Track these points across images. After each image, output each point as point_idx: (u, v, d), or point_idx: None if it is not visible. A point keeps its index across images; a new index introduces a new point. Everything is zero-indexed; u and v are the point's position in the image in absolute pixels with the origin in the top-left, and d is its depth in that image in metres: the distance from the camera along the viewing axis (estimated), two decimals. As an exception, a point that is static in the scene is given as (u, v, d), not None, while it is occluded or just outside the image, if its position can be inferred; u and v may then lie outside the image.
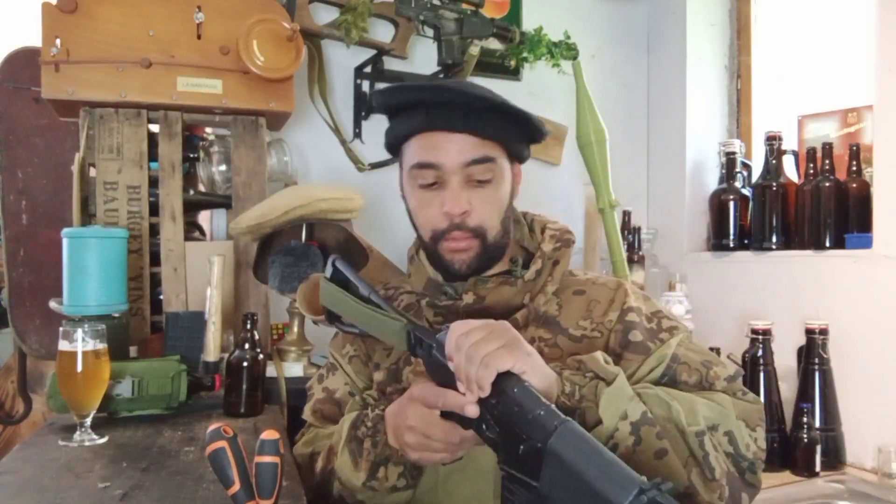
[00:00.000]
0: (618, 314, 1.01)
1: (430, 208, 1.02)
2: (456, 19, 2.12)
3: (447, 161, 0.99)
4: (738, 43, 2.46)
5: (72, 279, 1.35)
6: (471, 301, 1.01)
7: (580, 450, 0.63)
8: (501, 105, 0.98)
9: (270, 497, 0.71)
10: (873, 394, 1.76)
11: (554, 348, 0.99)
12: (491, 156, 1.00)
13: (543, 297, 1.03)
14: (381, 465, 0.89)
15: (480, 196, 1.00)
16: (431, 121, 0.99)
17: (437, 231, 1.02)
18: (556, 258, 1.06)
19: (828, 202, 1.90)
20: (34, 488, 0.87)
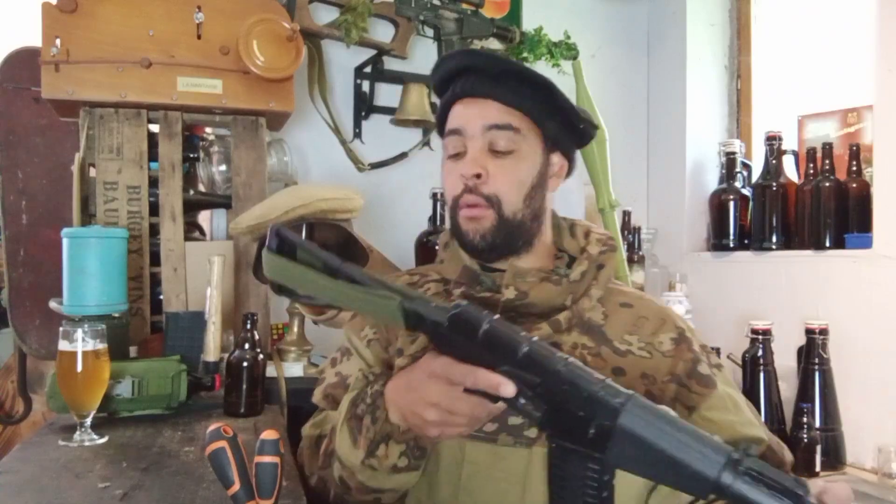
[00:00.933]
0: (673, 340, 0.98)
1: (451, 176, 1.00)
2: (456, 19, 2.12)
3: (468, 125, 0.98)
4: (738, 43, 2.46)
5: (72, 279, 1.35)
6: (512, 297, 0.95)
7: (654, 425, 0.62)
8: (522, 71, 0.97)
9: (270, 497, 0.71)
10: (873, 394, 1.76)
11: (597, 358, 0.95)
12: (514, 125, 0.97)
13: (588, 301, 0.99)
14: (380, 443, 0.85)
15: (499, 165, 0.97)
16: (459, 87, 0.99)
17: (455, 197, 0.99)
18: (602, 262, 1.02)
19: (828, 202, 1.90)
20: (34, 488, 0.87)
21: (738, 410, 0.96)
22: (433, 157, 2.26)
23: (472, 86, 0.98)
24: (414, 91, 2.14)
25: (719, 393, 0.95)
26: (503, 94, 0.97)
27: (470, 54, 1.01)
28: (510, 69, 0.98)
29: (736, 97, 2.46)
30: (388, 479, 0.87)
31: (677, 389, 0.94)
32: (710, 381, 0.95)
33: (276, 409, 1.38)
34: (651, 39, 2.59)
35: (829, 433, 1.77)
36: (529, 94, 0.98)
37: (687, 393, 0.94)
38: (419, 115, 2.13)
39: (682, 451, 0.60)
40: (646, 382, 0.94)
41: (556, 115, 1.00)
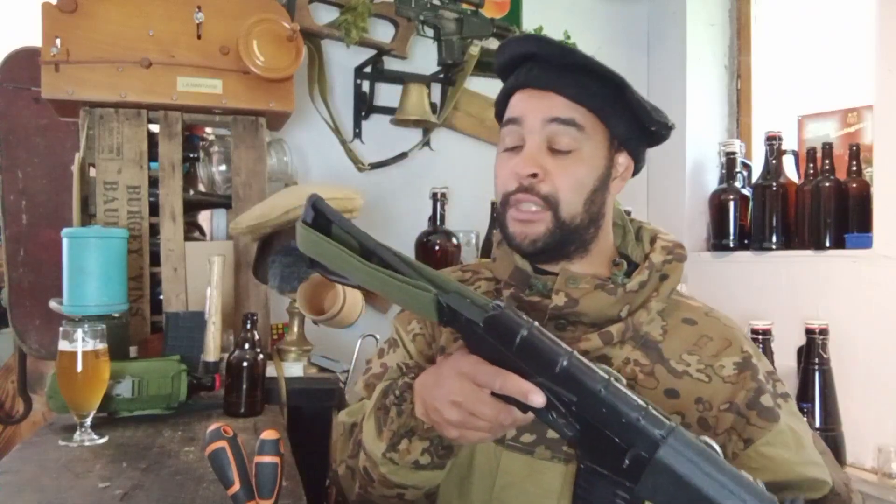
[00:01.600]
0: (736, 365, 0.89)
1: (504, 170, 0.92)
2: (456, 19, 2.12)
3: (527, 116, 0.90)
4: (738, 43, 2.46)
5: (72, 279, 1.35)
6: (561, 304, 0.88)
7: (695, 462, 0.58)
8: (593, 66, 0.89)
9: (270, 497, 0.71)
10: (873, 394, 1.76)
11: (650, 377, 0.88)
12: (578, 122, 0.89)
13: (646, 313, 0.90)
14: (403, 437, 0.81)
15: (559, 163, 0.89)
16: (523, 76, 0.92)
17: (506, 194, 0.91)
18: (666, 272, 0.92)
19: (828, 202, 1.89)
20: (34, 488, 0.87)
21: (800, 448, 0.86)
22: (433, 157, 2.26)
23: (537, 76, 0.90)
24: (414, 91, 2.14)
25: (781, 427, 0.85)
26: (568, 88, 0.89)
27: (537, 41, 0.92)
28: (578, 61, 0.90)
29: (736, 97, 2.46)
30: (410, 474, 0.84)
31: (735, 419, 0.86)
32: (772, 414, 0.86)
33: (276, 409, 1.38)
34: (651, 39, 2.59)
35: (829, 433, 1.77)
36: (598, 89, 0.90)
37: (745, 424, 0.86)
38: (419, 115, 2.13)
39: (721, 496, 0.57)
40: (700, 408, 0.87)
41: (625, 114, 0.91)
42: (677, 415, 0.85)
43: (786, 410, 0.88)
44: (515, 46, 0.94)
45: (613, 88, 0.90)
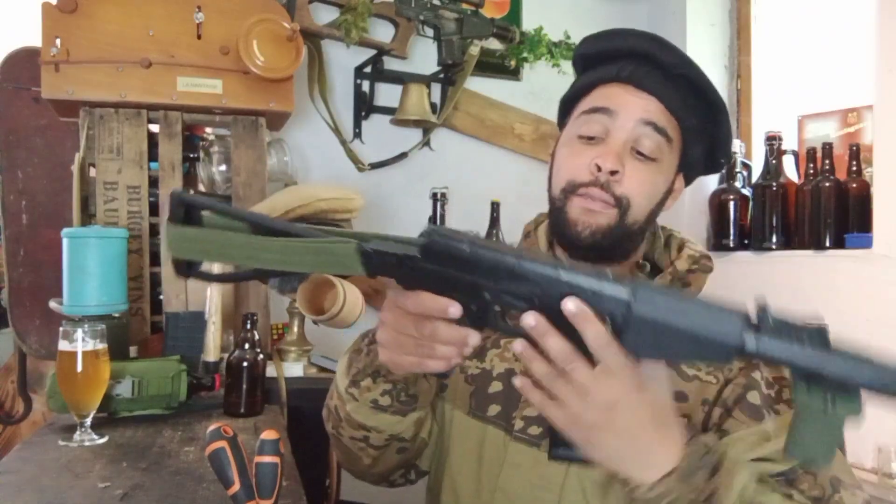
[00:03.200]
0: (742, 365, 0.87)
1: (579, 158, 0.88)
2: (456, 19, 2.12)
3: (624, 111, 0.87)
4: (738, 43, 2.46)
5: (72, 279, 1.35)
6: None
7: (666, 306, 0.59)
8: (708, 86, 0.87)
9: (270, 497, 0.71)
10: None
11: None
12: (670, 134, 0.87)
13: None
14: (368, 376, 0.84)
15: (639, 168, 0.86)
16: (628, 71, 0.88)
17: (574, 182, 0.87)
18: (688, 281, 0.91)
19: (828, 202, 1.90)
20: (34, 488, 0.87)
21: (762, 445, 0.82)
22: (433, 157, 2.26)
23: (644, 76, 0.87)
24: (414, 91, 2.14)
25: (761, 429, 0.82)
26: (672, 98, 0.87)
27: (659, 43, 0.88)
28: (688, 74, 0.87)
29: (736, 97, 2.46)
30: (371, 414, 0.86)
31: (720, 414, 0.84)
32: (755, 412, 0.83)
33: (276, 409, 1.38)
34: (651, 39, 2.59)
35: (829, 433, 1.77)
36: (697, 108, 0.88)
37: (726, 417, 0.84)
38: (419, 115, 2.13)
39: (699, 325, 0.58)
40: (705, 409, 0.86)
41: (705, 142, 0.90)
42: (684, 417, 0.83)
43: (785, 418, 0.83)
44: (633, 41, 0.89)
45: (710, 111, 0.89)
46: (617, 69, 0.89)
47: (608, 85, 0.89)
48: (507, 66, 2.32)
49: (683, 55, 0.88)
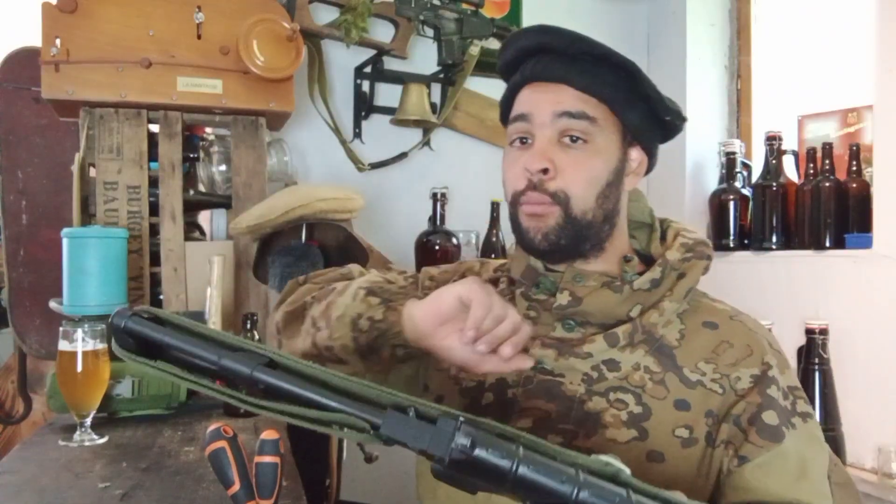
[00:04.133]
0: (753, 377, 0.82)
1: (513, 167, 0.87)
2: (456, 19, 2.12)
3: (536, 111, 0.86)
4: (738, 43, 2.46)
5: (72, 279, 1.35)
6: (565, 303, 0.85)
7: None
8: (606, 54, 0.84)
9: (270, 497, 0.71)
10: (873, 394, 1.76)
11: (659, 385, 0.82)
12: (591, 114, 0.84)
13: (657, 314, 0.84)
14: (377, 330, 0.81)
15: (570, 156, 0.84)
16: (529, 69, 0.88)
17: (516, 193, 0.86)
18: (683, 270, 0.87)
19: (828, 202, 1.89)
20: (34, 488, 0.87)
21: (801, 477, 0.78)
22: (433, 157, 2.26)
23: (545, 68, 0.86)
24: (414, 91, 2.14)
25: (783, 449, 0.78)
26: (579, 79, 0.84)
27: (545, 32, 0.87)
28: (590, 50, 0.85)
29: (736, 97, 2.46)
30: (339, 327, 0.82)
31: (732, 432, 0.80)
32: (774, 434, 0.79)
33: (276, 409, 1.38)
34: (651, 39, 2.59)
35: (829, 433, 1.77)
36: (610, 79, 0.85)
37: (742, 440, 0.79)
38: (419, 115, 2.13)
39: None
40: (709, 423, 0.81)
41: (639, 105, 0.87)
42: (685, 429, 0.80)
43: (801, 432, 0.81)
44: (523, 40, 0.89)
45: (626, 77, 0.85)
46: (521, 72, 0.89)
47: (521, 90, 0.89)
48: (507, 66, 2.33)
49: (573, 34, 0.86)
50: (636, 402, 0.81)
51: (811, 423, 0.83)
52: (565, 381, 0.83)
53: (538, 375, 0.85)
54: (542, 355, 0.84)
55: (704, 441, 0.80)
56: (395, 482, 1.88)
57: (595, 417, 0.81)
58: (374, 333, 0.80)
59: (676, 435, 0.80)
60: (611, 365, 0.83)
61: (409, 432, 0.50)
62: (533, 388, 0.84)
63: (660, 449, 0.79)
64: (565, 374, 0.84)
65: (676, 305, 0.86)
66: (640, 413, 0.81)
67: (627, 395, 0.82)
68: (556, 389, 0.83)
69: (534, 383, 0.85)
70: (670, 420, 0.80)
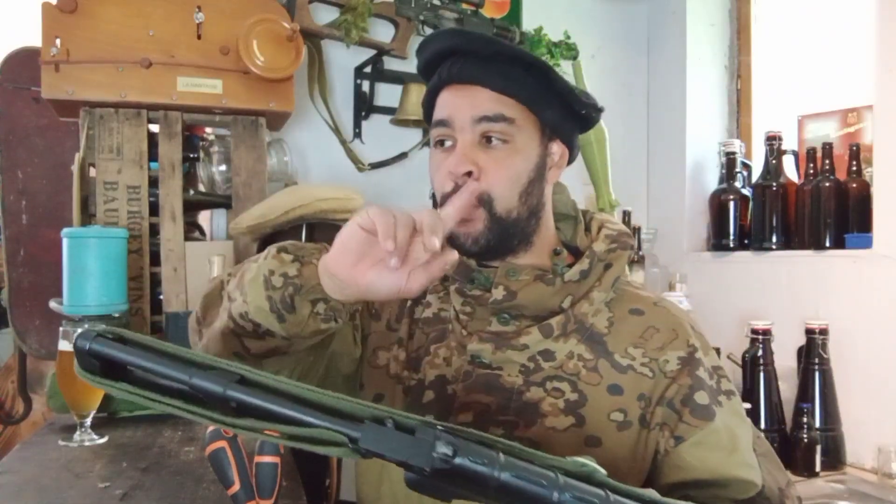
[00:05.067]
0: (680, 360, 0.86)
1: (439, 171, 0.89)
2: (456, 19, 2.12)
3: (456, 115, 0.87)
4: (738, 43, 2.46)
5: (72, 279, 1.35)
6: (500, 297, 0.87)
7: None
8: (517, 54, 0.87)
9: (270, 497, 0.71)
10: (873, 394, 1.76)
11: (593, 372, 0.85)
12: (508, 116, 0.86)
13: (588, 304, 0.88)
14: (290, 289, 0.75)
15: (492, 157, 0.86)
16: (446, 72, 0.89)
17: (444, 195, 0.88)
18: (609, 261, 0.90)
19: (828, 202, 1.89)
20: (34, 488, 0.87)
21: (733, 450, 0.83)
22: (433, 157, 2.26)
23: (460, 70, 0.87)
24: (414, 91, 2.14)
25: (715, 426, 0.83)
26: (494, 81, 0.86)
27: (456, 35, 0.90)
28: (502, 51, 0.87)
29: (736, 97, 2.46)
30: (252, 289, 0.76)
31: (666, 414, 0.84)
32: (706, 413, 0.83)
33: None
34: (651, 39, 2.59)
35: (829, 433, 1.77)
36: (524, 79, 0.87)
37: (677, 421, 0.84)
38: (419, 115, 2.13)
39: None
40: (641, 405, 0.84)
41: (554, 102, 0.89)
42: (620, 412, 0.83)
43: (727, 409, 0.85)
44: (436, 43, 0.91)
45: (539, 76, 0.87)
46: (438, 74, 0.90)
47: (441, 92, 0.90)
48: (507, 66, 2.33)
49: (483, 36, 0.90)
50: (572, 390, 0.84)
51: (735, 400, 0.88)
52: (503, 374, 0.86)
53: (477, 370, 0.87)
54: (480, 349, 0.86)
55: (638, 423, 0.84)
56: (395, 482, 1.87)
57: (533, 407, 0.84)
58: (290, 290, 0.74)
59: (611, 419, 0.83)
60: (546, 355, 0.86)
61: (388, 444, 0.49)
62: (472, 382, 0.86)
63: (597, 434, 0.83)
64: (503, 366, 0.86)
65: (605, 295, 0.89)
66: (576, 400, 0.84)
67: (563, 383, 0.85)
68: (494, 382, 0.86)
69: (473, 377, 0.87)
70: (605, 405, 0.83)
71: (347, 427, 0.50)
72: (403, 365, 0.93)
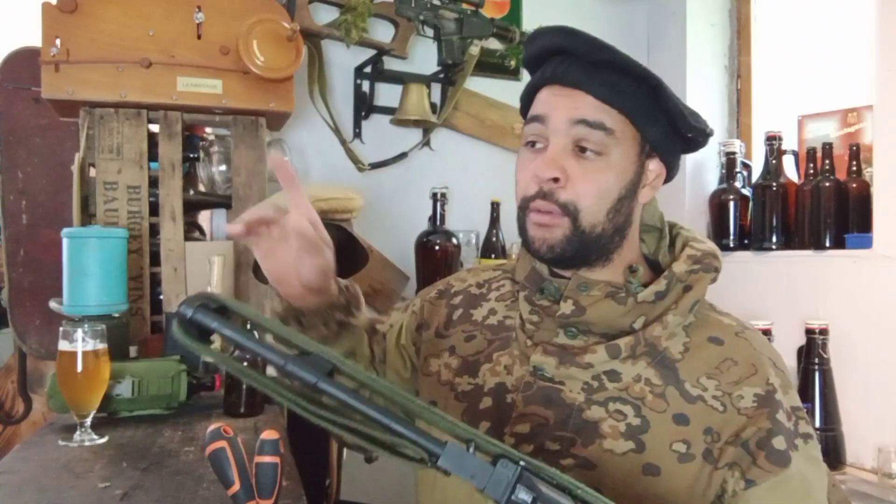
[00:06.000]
0: (756, 398, 0.80)
1: (525, 171, 0.85)
2: (456, 19, 2.12)
3: (553, 114, 0.83)
4: (738, 43, 2.46)
5: (72, 279, 1.35)
6: (568, 312, 0.84)
7: None
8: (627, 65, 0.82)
9: (270, 497, 0.71)
10: (873, 394, 1.76)
11: (659, 399, 0.81)
12: (608, 125, 0.82)
13: (661, 327, 0.83)
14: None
15: (583, 167, 0.82)
16: (550, 71, 0.85)
17: (525, 198, 0.85)
18: (689, 283, 0.85)
19: (828, 202, 1.89)
20: (34, 488, 0.87)
21: (806, 496, 0.79)
22: (433, 157, 2.26)
23: (565, 72, 0.83)
24: (414, 91, 2.14)
25: (790, 474, 0.78)
26: (599, 88, 0.82)
27: (567, 34, 0.85)
28: (612, 59, 0.82)
29: (736, 97, 2.46)
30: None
31: (739, 454, 0.79)
32: (782, 459, 0.78)
33: (276, 409, 1.38)
34: (651, 39, 2.59)
35: (829, 433, 1.77)
36: (632, 91, 0.83)
37: (750, 464, 0.78)
38: (419, 115, 2.13)
39: None
40: (707, 440, 0.79)
41: (660, 119, 0.85)
42: (683, 443, 0.79)
43: (802, 453, 0.80)
44: (544, 38, 0.87)
45: (648, 89, 0.83)
46: (542, 71, 0.87)
47: (542, 89, 0.87)
48: (507, 66, 2.32)
49: (595, 40, 0.83)
50: (635, 414, 0.80)
51: (811, 445, 0.83)
52: (565, 389, 0.83)
53: (538, 382, 0.84)
54: (543, 362, 0.83)
55: (702, 458, 0.79)
56: (395, 482, 1.88)
57: (593, 426, 0.81)
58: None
59: (673, 449, 0.79)
60: (611, 375, 0.82)
61: (467, 468, 0.50)
62: (532, 394, 0.84)
63: (656, 462, 0.79)
64: (565, 381, 0.83)
65: (681, 319, 0.84)
66: (638, 425, 0.80)
67: (627, 406, 0.81)
68: (555, 396, 0.83)
69: (533, 389, 0.84)
70: (668, 434, 0.79)
71: (430, 442, 0.51)
72: (455, 371, 0.92)
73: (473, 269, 1.06)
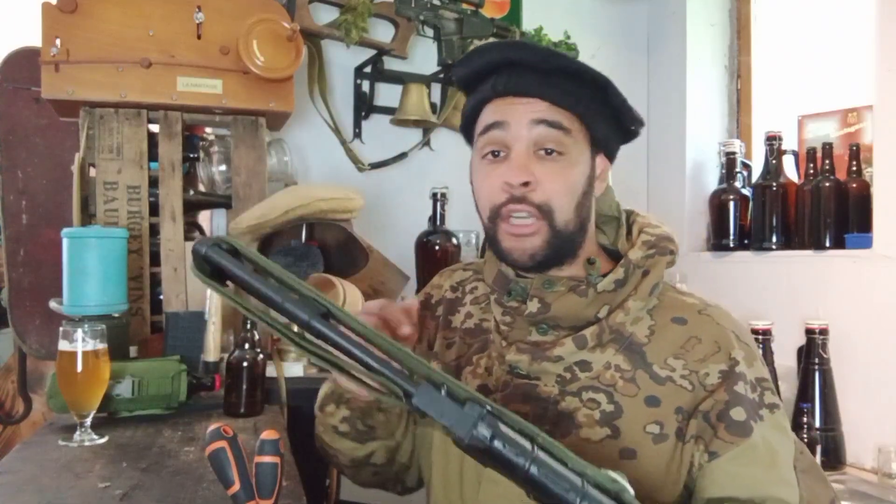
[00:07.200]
0: (721, 373, 0.82)
1: (490, 180, 0.87)
2: (456, 19, 2.12)
3: (513, 119, 0.85)
4: (738, 43, 2.46)
5: (72, 279, 1.35)
6: (535, 310, 0.87)
7: None
8: (581, 69, 0.85)
9: (270, 497, 0.71)
10: (873, 394, 1.76)
11: (630, 383, 0.83)
12: (566, 126, 0.85)
13: (624, 314, 0.85)
14: (332, 402, 0.92)
15: (549, 168, 0.84)
16: (502, 84, 0.87)
17: (495, 206, 0.86)
18: (647, 268, 0.87)
19: (828, 202, 1.90)
20: (34, 488, 0.87)
21: (772, 466, 0.80)
22: (433, 157, 2.26)
23: (518, 83, 0.85)
24: (414, 91, 2.14)
25: (752, 442, 0.80)
26: (552, 93, 0.85)
27: (516, 47, 0.88)
28: (565, 65, 0.85)
29: (736, 97, 2.46)
30: (334, 438, 0.93)
31: (701, 427, 0.81)
32: (742, 429, 0.80)
33: (276, 409, 1.38)
34: (651, 39, 2.59)
35: (829, 433, 1.77)
36: (581, 92, 0.85)
37: (712, 436, 0.80)
38: (419, 115, 2.13)
39: None
40: (679, 419, 0.81)
41: (608, 116, 0.88)
42: (656, 425, 0.81)
43: (768, 423, 0.82)
44: (490, 54, 0.89)
45: (595, 90, 0.86)
46: (491, 85, 0.88)
47: (491, 102, 0.88)
48: (507, 66, 2.33)
49: (544, 49, 0.87)
50: (608, 401, 0.83)
51: (778, 414, 0.84)
52: (540, 384, 0.86)
53: (515, 380, 0.87)
54: (518, 360, 0.86)
55: (675, 436, 0.81)
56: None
57: (569, 417, 0.83)
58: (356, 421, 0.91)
59: (647, 431, 0.82)
60: (582, 366, 0.85)
61: (437, 407, 0.54)
62: (510, 392, 0.87)
63: (632, 446, 0.81)
64: (540, 376, 0.86)
65: (642, 303, 0.86)
66: (612, 411, 0.82)
67: (599, 394, 0.83)
68: (532, 392, 0.86)
69: (511, 387, 0.87)
70: (641, 417, 0.82)
71: (406, 382, 0.55)
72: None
73: (444, 273, 1.08)
